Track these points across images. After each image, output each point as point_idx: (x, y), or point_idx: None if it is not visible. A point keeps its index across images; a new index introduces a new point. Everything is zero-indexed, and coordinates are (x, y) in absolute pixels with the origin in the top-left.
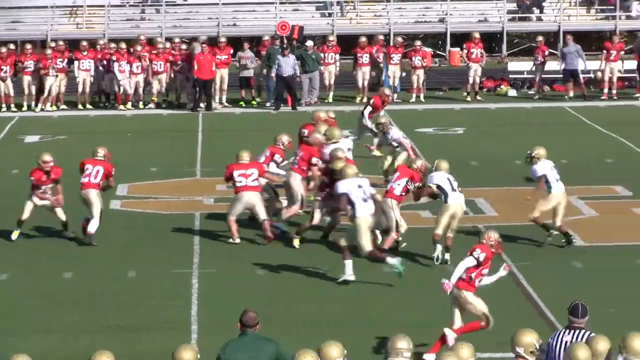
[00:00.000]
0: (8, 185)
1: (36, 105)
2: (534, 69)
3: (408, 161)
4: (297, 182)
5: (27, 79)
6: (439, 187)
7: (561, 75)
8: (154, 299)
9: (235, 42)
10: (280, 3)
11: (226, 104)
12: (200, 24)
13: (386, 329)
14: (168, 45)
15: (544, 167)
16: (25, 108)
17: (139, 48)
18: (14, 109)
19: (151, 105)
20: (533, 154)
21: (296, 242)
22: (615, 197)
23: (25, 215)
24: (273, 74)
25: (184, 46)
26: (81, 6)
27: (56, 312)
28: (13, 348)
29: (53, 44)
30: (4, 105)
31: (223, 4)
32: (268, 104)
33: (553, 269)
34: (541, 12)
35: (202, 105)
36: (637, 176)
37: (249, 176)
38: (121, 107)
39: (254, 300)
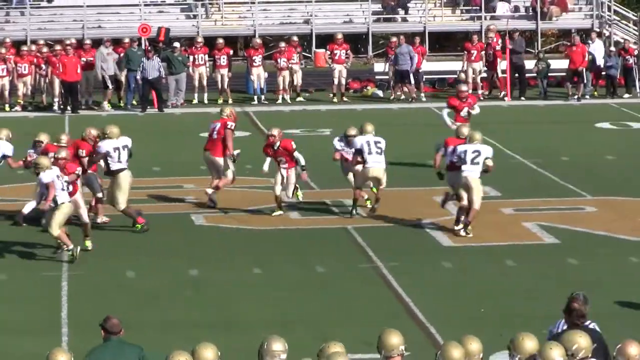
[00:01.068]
0: None
1: None
2: (387, 69)
3: None
4: None
5: None
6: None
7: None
8: (22, 302)
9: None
10: (145, 5)
11: (93, 107)
12: (65, 26)
13: (256, 331)
14: (33, 47)
15: (361, 140)
16: None
17: (3, 50)
18: None
19: (17, 108)
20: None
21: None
22: (484, 198)
23: None
24: (139, 76)
25: (45, 49)
26: None
27: None
28: None
29: None
30: None
31: (87, 6)
32: (129, 106)
33: (422, 269)
34: (406, 13)
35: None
36: (505, 176)
37: None
38: None
39: (124, 302)
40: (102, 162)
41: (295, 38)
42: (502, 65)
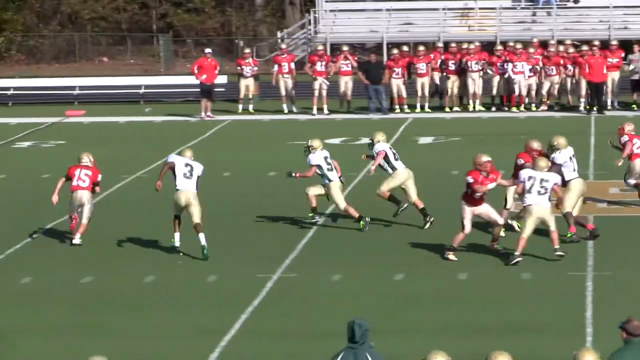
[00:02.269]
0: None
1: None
2: None
3: None
4: None
5: (420, 80)
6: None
7: None
8: (547, 301)
9: (626, 45)
10: None
11: (617, 107)
12: (591, 27)
13: None
14: (561, 48)
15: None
16: (418, 110)
17: (531, 50)
18: (407, 110)
19: (543, 107)
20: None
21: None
22: None
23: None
24: None
25: (571, 50)
26: (472, 8)
27: (442, 310)
28: (392, 347)
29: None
30: (397, 107)
31: (614, 6)
32: None
33: None
34: None
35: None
36: None
37: None
38: (514, 109)
39: None
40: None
41: None
42: None
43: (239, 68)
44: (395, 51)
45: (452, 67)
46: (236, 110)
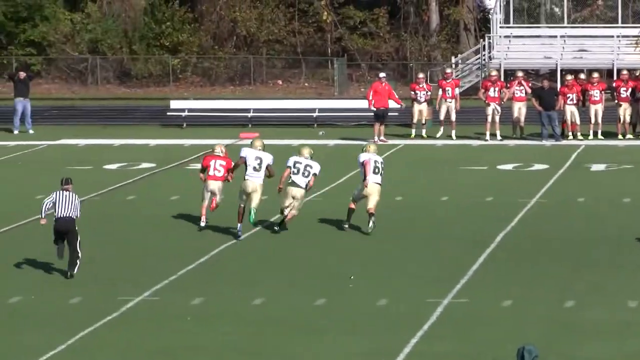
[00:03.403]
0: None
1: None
2: None
3: None
4: None
5: (593, 107)
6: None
7: None
8: None
9: None
10: None
11: None
12: None
13: None
14: None
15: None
16: (591, 137)
17: None
18: (580, 137)
19: None
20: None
21: None
22: None
23: None
24: None
25: None
26: None
27: None
28: None
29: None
30: (570, 133)
31: None
32: None
33: None
34: None
35: None
36: None
37: None
38: None
39: None
40: None
41: None
42: None
43: (412, 93)
44: (569, 77)
45: (623, 94)
46: (409, 135)
